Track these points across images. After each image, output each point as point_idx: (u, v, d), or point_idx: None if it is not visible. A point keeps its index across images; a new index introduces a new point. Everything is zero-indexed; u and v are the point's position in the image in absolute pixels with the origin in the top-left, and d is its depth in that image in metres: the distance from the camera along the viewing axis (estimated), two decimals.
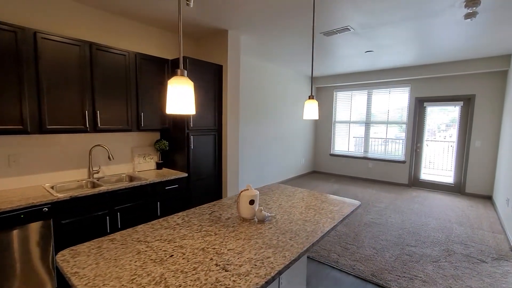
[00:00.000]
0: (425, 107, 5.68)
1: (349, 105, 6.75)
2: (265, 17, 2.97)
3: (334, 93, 6.92)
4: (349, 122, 6.76)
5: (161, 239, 1.36)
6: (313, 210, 1.88)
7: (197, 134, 3.20)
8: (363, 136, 6.59)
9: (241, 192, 1.65)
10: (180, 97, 1.09)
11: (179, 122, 3.13)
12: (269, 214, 1.66)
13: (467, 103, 5.19)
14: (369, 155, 6.50)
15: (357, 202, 2.08)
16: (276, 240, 1.38)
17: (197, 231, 1.48)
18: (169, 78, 3.14)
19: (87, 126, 2.48)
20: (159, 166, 3.30)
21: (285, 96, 5.99)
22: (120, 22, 2.99)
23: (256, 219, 1.66)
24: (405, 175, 5.93)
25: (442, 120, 5.62)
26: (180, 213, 1.74)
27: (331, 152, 7.09)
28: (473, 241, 3.22)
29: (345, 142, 6.91)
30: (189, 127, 3.08)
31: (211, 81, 3.33)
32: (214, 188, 3.49)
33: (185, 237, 1.39)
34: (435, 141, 5.72)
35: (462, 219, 3.95)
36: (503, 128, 4.57)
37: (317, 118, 1.97)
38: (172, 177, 2.92)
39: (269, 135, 5.64)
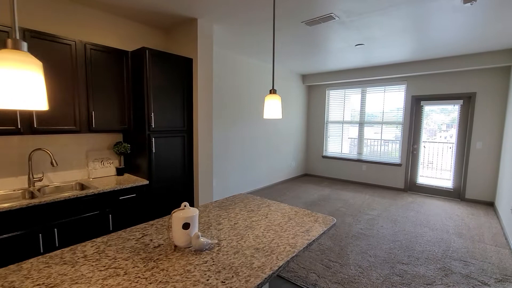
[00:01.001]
0: (422, 106, 5.30)
1: (342, 104, 6.37)
2: (237, 4, 2.60)
3: (326, 91, 6.55)
4: (342, 122, 6.39)
5: (41, 285, 0.99)
6: (274, 232, 1.50)
7: (161, 136, 2.83)
8: (357, 137, 6.21)
9: (173, 212, 1.27)
10: (16, 84, 0.71)
11: (140, 122, 2.76)
12: (209, 241, 1.29)
13: (467, 101, 4.81)
14: (363, 157, 6.12)
15: (331, 220, 1.70)
16: (202, 286, 1.01)
17: (103, 268, 1.10)
18: (128, 72, 2.77)
19: (20, 127, 2.11)
20: (120, 171, 2.93)
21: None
22: (73, 9, 2.62)
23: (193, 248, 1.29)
24: (401, 179, 5.56)
25: (441, 120, 5.24)
26: (99, 239, 1.37)
27: (324, 154, 6.71)
28: (473, 257, 2.84)
29: (338, 143, 6.53)
30: (150, 128, 2.71)
31: (179, 76, 2.96)
32: (184, 196, 3.12)
33: (79, 280, 1.02)
34: (433, 142, 5.35)
35: (462, 229, 3.58)
36: (506, 128, 4.19)
37: (280, 117, 1.60)
38: (128, 185, 2.55)
39: (256, 136, 5.26)
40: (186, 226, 1.25)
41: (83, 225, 2.28)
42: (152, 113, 2.70)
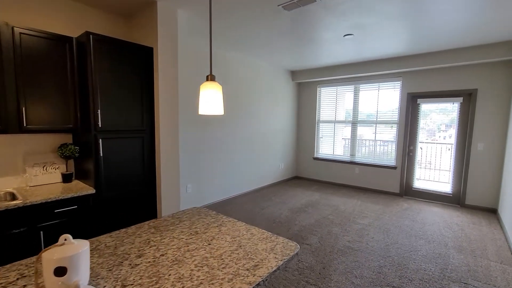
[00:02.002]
0: (418, 104, 4.91)
1: (334, 102, 5.97)
2: None
3: (317, 89, 6.15)
4: (334, 122, 5.99)
5: None
6: (208, 269, 1.10)
7: (113, 137, 2.43)
8: (350, 138, 5.82)
9: (42, 252, 0.87)
10: None
11: (87, 121, 2.36)
12: None
13: (468, 99, 4.42)
14: (356, 159, 5.73)
15: (293, 247, 1.30)
16: None
17: None
18: (73, 62, 2.37)
19: None
20: (67, 178, 2.52)
21: (260, 92, 5.22)
22: None
23: None
24: (396, 183, 5.16)
25: (440, 119, 4.85)
26: None
27: (315, 156, 6.32)
28: (475, 277, 2.45)
29: (330, 144, 6.14)
30: (97, 127, 2.31)
31: (136, 68, 2.56)
32: (143, 206, 2.72)
33: None
34: (431, 143, 4.96)
35: (462, 241, 3.18)
36: (510, 128, 3.80)
37: (221, 112, 1.20)
38: (67, 196, 2.15)
39: (240, 137, 4.86)
40: (60, 271, 0.85)
41: (6, 245, 1.88)
42: (99, 110, 2.30)
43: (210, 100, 1.15)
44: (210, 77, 1.16)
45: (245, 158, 5.04)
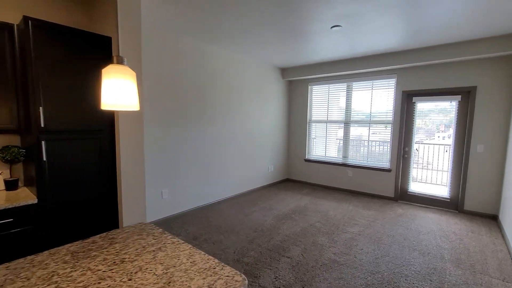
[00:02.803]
0: (414, 102, 4.61)
1: (326, 101, 5.68)
2: None
3: (308, 87, 5.85)
4: (326, 122, 5.69)
5: None
6: None
7: (61, 139, 2.12)
8: (342, 138, 5.52)
9: None
10: None
11: (28, 120, 2.05)
12: None
13: (466, 97, 4.13)
14: (349, 161, 5.43)
15: (239, 283, 1.00)
16: None
17: None
18: (13, 49, 2.06)
19: None
20: (11, 185, 2.21)
21: (247, 90, 4.91)
22: None
23: None
24: (391, 186, 4.87)
25: (438, 119, 4.56)
26: None
27: (306, 157, 6.01)
28: None
29: (322, 145, 5.84)
30: (39, 127, 2.00)
31: (91, 60, 2.25)
32: (101, 217, 2.41)
33: None
34: (427, 144, 4.67)
35: (460, 254, 2.88)
36: None
37: (135, 108, 0.90)
38: (1, 207, 1.84)
39: (226, 138, 4.56)
40: None
41: None
42: (41, 108, 1.99)
43: (117, 91, 0.84)
44: (117, 59, 0.85)
45: (231, 160, 4.73)
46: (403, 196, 4.79)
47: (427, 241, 3.17)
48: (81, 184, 2.25)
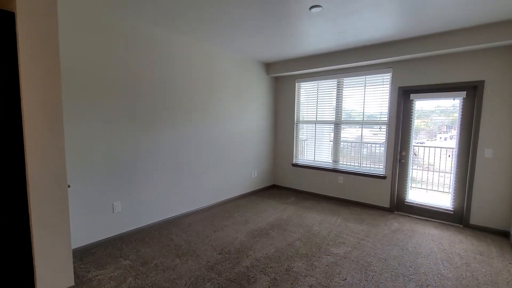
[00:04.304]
0: (412, 100, 4.05)
1: (315, 99, 5.12)
2: None
3: (296, 84, 5.30)
4: (315, 122, 5.14)
5: None
6: None
7: None
8: (332, 141, 4.96)
9: None
10: None
11: None
12: None
13: (472, 93, 3.57)
14: (340, 166, 4.87)
15: None
16: None
17: None
18: None
19: None
20: None
21: (225, 87, 4.36)
22: None
23: None
24: (386, 195, 4.30)
25: (440, 120, 4.00)
26: None
27: (294, 162, 5.46)
28: None
29: (310, 148, 5.28)
30: None
31: None
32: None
33: None
34: (427, 147, 4.10)
35: (467, 285, 2.32)
36: None
37: None
38: None
39: (199, 141, 4.01)
40: None
41: None
42: None
43: None
44: None
45: (206, 166, 4.18)
46: (400, 207, 4.22)
47: (426, 267, 2.60)
48: None
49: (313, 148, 5.22)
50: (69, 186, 2.22)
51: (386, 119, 4.27)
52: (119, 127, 3.08)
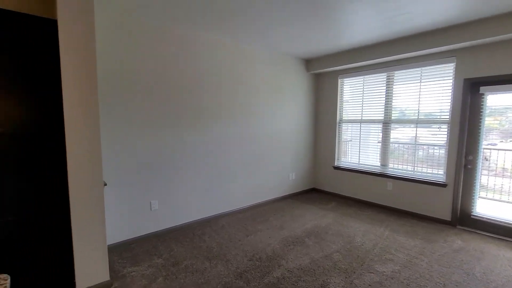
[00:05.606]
0: (482, 94, 3.38)
1: (360, 96, 4.67)
2: None
3: (338, 80, 4.90)
4: (361, 122, 4.68)
5: None
6: None
7: None
8: (380, 142, 4.45)
9: None
10: None
11: None
12: None
13: None
14: (389, 170, 4.34)
15: None
16: None
17: None
18: None
19: None
20: None
21: (259, 86, 4.24)
22: None
23: None
24: (447, 207, 3.68)
25: None
26: None
27: (335, 164, 5.06)
28: None
29: (355, 150, 4.83)
30: None
31: (24, 47, 1.86)
32: (32, 267, 2.00)
33: None
34: (503, 150, 3.38)
35: None
36: None
37: None
38: None
39: (235, 142, 3.97)
40: None
41: None
42: None
43: None
44: None
45: (242, 167, 4.11)
46: (465, 221, 3.57)
47: None
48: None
49: (358, 150, 4.77)
50: (105, 184, 2.32)
51: (447, 117, 3.65)
52: (157, 130, 3.16)
